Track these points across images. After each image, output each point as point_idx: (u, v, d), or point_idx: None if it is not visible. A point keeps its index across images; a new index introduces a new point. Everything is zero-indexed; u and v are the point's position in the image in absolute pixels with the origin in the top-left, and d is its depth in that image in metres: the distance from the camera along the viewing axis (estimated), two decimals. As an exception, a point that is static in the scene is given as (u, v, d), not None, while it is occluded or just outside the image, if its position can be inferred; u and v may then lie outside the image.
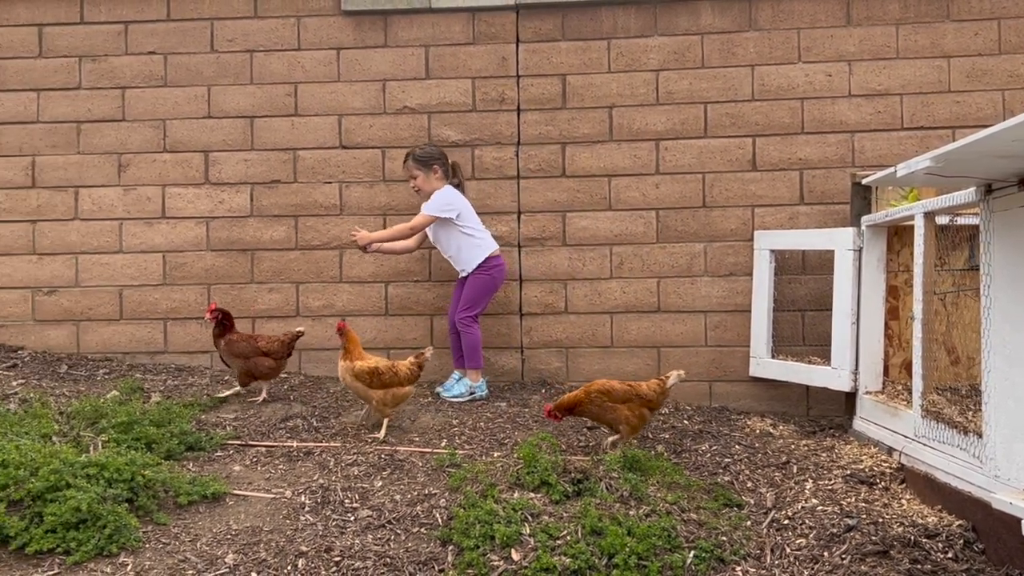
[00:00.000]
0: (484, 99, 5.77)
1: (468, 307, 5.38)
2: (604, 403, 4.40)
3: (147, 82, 5.89)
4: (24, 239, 5.90)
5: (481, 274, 5.39)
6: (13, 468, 3.83)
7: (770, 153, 5.62)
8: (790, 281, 5.55)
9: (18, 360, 5.69)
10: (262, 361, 5.10)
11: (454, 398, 5.36)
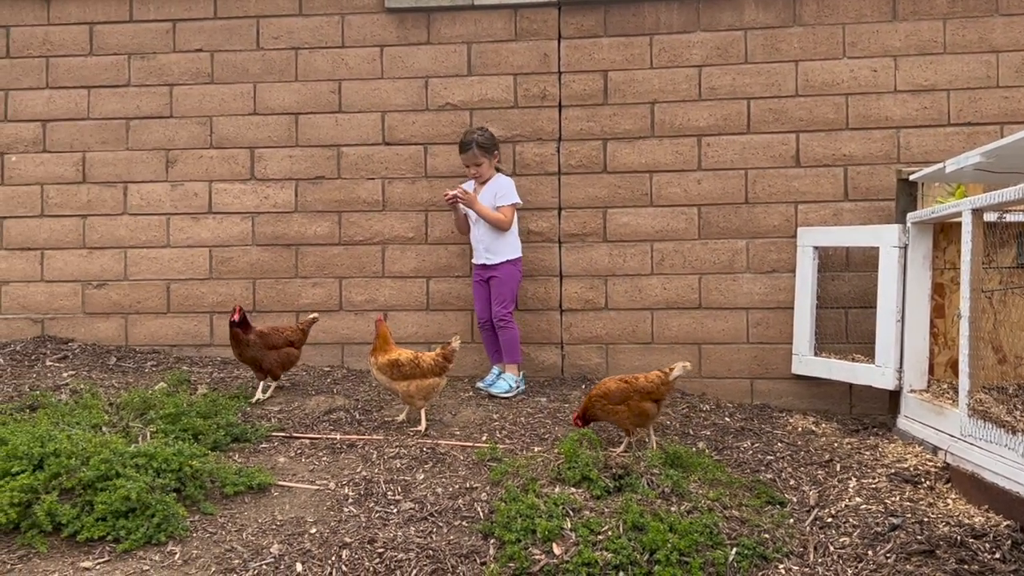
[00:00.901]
0: (526, 95, 5.79)
1: (504, 303, 5.40)
2: (605, 406, 4.39)
3: (194, 79, 5.98)
4: (74, 233, 6.03)
5: (509, 266, 5.43)
6: (65, 457, 3.92)
7: (814, 149, 5.57)
8: (833, 278, 5.50)
9: (69, 352, 5.82)
10: (291, 351, 5.18)
11: (503, 394, 5.35)
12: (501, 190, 5.43)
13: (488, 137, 5.45)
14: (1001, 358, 4.74)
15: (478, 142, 5.39)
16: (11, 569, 3.54)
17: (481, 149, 5.39)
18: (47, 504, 3.71)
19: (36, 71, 6.06)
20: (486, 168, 5.45)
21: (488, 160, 5.44)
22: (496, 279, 5.43)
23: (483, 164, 5.43)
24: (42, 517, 3.68)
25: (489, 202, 5.40)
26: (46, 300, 6.04)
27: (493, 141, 5.48)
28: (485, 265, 5.46)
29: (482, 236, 5.46)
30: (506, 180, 5.49)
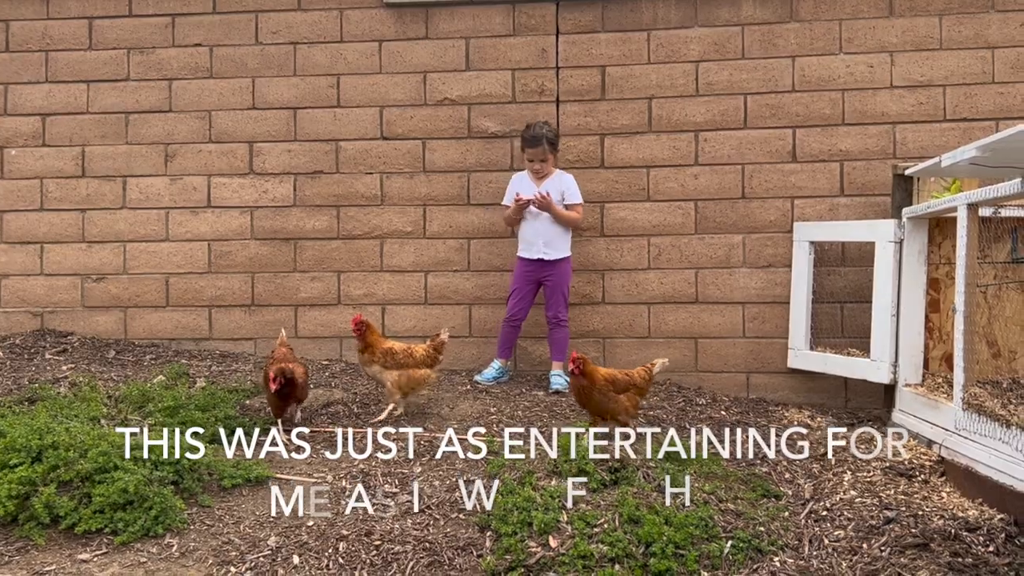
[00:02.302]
0: (524, 90, 5.81)
1: (566, 303, 5.45)
2: (608, 392, 4.43)
3: (193, 74, 6.00)
4: (74, 227, 6.05)
5: (566, 264, 5.47)
6: (63, 450, 3.94)
7: (810, 144, 5.59)
8: (829, 273, 5.52)
9: (68, 345, 5.85)
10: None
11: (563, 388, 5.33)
12: (569, 188, 5.44)
13: (555, 132, 5.46)
14: (995, 352, 4.76)
15: (548, 137, 5.36)
16: (9, 561, 3.57)
17: (551, 144, 5.38)
18: (45, 496, 3.73)
19: (36, 65, 6.07)
20: (551, 163, 5.45)
21: (554, 155, 5.46)
22: (554, 277, 5.43)
23: (549, 160, 5.42)
24: (40, 509, 3.70)
25: (555, 198, 5.39)
26: (46, 293, 6.06)
27: (558, 135, 5.50)
28: (543, 260, 5.42)
29: (543, 230, 5.41)
30: (571, 178, 5.50)
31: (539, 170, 5.42)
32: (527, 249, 5.46)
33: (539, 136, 5.35)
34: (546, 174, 5.45)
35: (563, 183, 5.44)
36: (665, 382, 5.62)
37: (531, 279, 5.47)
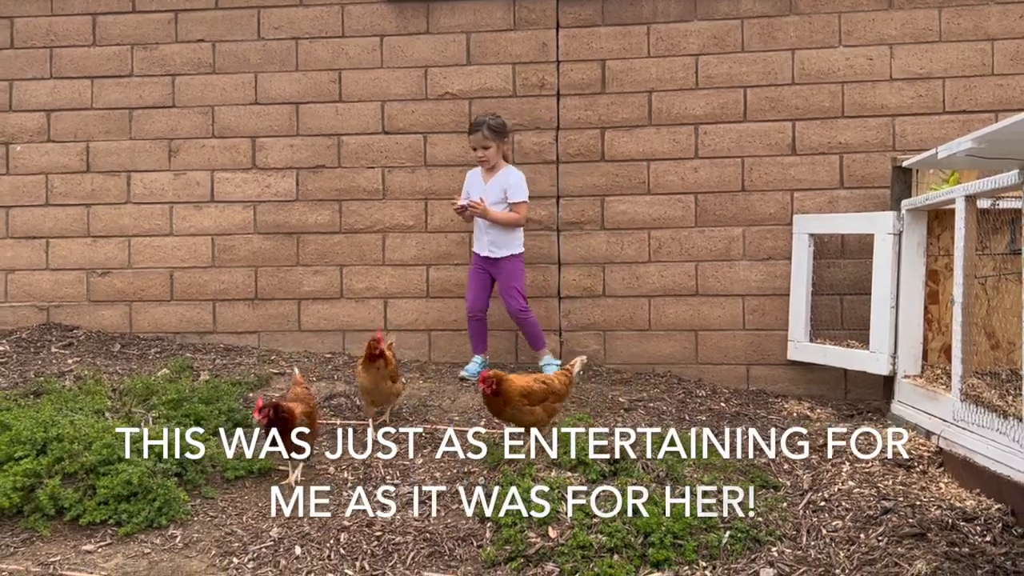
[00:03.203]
0: (524, 84, 5.83)
1: (520, 295, 5.37)
2: (522, 406, 4.21)
3: (196, 69, 6.03)
4: (79, 222, 6.09)
5: (514, 261, 5.38)
6: (68, 442, 3.99)
7: (810, 137, 5.60)
8: (829, 265, 5.54)
9: (73, 339, 5.90)
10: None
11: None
12: (514, 186, 5.34)
13: (500, 123, 5.36)
14: (994, 344, 4.78)
15: (489, 124, 5.27)
16: (14, 552, 3.62)
17: (492, 132, 5.27)
18: (50, 488, 3.78)
19: (40, 61, 6.11)
20: (493, 153, 5.32)
21: (497, 145, 5.32)
22: (503, 275, 5.37)
23: (491, 148, 5.30)
24: (45, 501, 3.76)
25: (498, 195, 5.31)
26: (51, 288, 6.10)
27: (505, 128, 5.39)
28: (488, 258, 5.41)
29: (488, 228, 5.36)
30: (518, 174, 5.40)
31: (483, 158, 5.33)
32: (477, 244, 5.47)
33: (479, 123, 5.29)
34: (494, 167, 5.38)
35: (510, 180, 5.35)
36: (666, 374, 5.65)
37: (482, 272, 5.44)
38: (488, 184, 5.37)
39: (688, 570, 3.44)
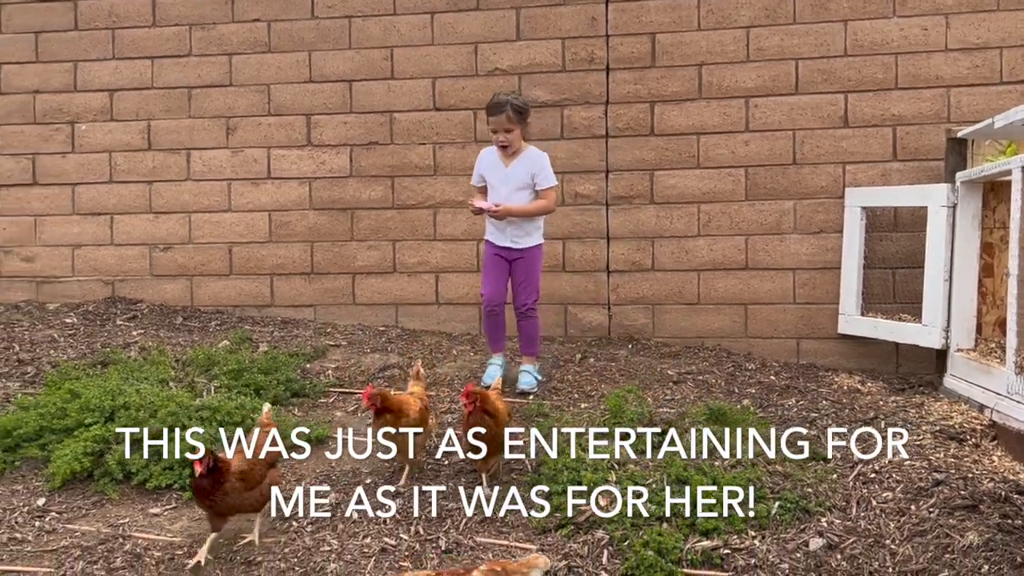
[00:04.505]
0: (574, 59, 5.84)
1: (536, 289, 4.95)
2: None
3: (252, 48, 6.15)
4: (141, 199, 6.28)
5: (538, 250, 4.98)
6: (134, 410, 4.17)
7: (862, 109, 5.54)
8: (881, 238, 5.49)
9: (137, 312, 6.10)
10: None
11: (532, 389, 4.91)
12: (542, 170, 4.89)
13: (524, 103, 4.92)
14: (1051, 317, 4.71)
15: (514, 105, 4.80)
16: (86, 514, 3.79)
17: (516, 113, 4.80)
18: (118, 454, 3.96)
19: (103, 43, 6.29)
20: (516, 137, 4.86)
21: (520, 128, 4.87)
22: (524, 262, 4.93)
23: (514, 132, 4.84)
24: (114, 466, 3.93)
25: (523, 180, 4.87)
26: (116, 263, 6.31)
27: (528, 109, 4.95)
28: (509, 248, 4.95)
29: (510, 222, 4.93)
30: (543, 155, 4.95)
31: (504, 142, 4.85)
32: (495, 235, 4.98)
33: (502, 103, 4.80)
34: (515, 150, 4.90)
35: (534, 164, 4.88)
36: (715, 348, 5.67)
37: (500, 261, 4.96)
38: (510, 168, 4.91)
39: (737, 539, 3.48)
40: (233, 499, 3.38)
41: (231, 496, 3.37)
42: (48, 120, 6.34)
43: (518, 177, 4.89)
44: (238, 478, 3.38)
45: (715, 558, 3.39)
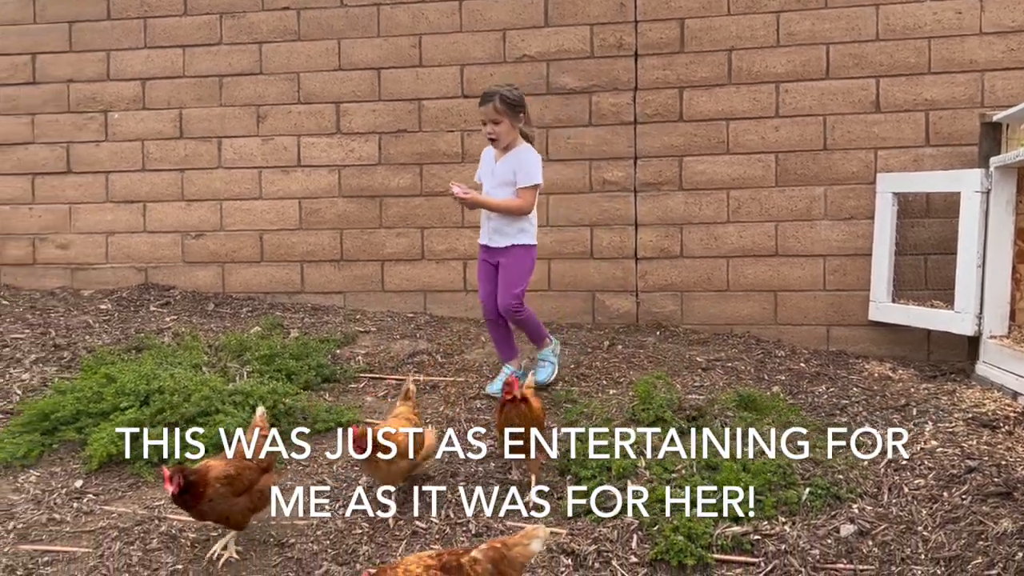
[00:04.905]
0: (602, 45, 5.83)
1: (516, 290, 4.57)
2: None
3: (282, 37, 6.19)
4: (174, 186, 6.35)
5: (522, 252, 4.62)
6: (168, 394, 4.24)
7: (894, 94, 5.48)
8: (913, 224, 5.44)
9: (170, 298, 6.18)
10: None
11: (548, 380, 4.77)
12: (525, 167, 4.53)
13: (516, 95, 4.52)
14: (1087, 304, 4.66)
15: (503, 95, 4.46)
16: (122, 496, 3.87)
17: (505, 104, 4.46)
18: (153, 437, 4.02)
19: (135, 32, 6.34)
20: (505, 130, 4.51)
21: (510, 121, 4.50)
22: (503, 266, 4.60)
23: (502, 124, 4.49)
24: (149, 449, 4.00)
25: (507, 177, 4.56)
26: (149, 250, 6.39)
27: (521, 101, 4.54)
28: (489, 247, 4.67)
29: (490, 219, 4.66)
30: (533, 155, 4.59)
31: (490, 134, 4.53)
32: (482, 232, 4.75)
33: (491, 93, 4.50)
34: (507, 145, 4.58)
35: (522, 160, 4.55)
36: (744, 335, 5.65)
37: (488, 265, 4.69)
38: (498, 163, 4.62)
39: (767, 525, 3.49)
40: (221, 505, 3.31)
41: (217, 503, 3.30)
42: (82, 109, 6.42)
43: (502, 173, 4.58)
44: (223, 483, 3.30)
45: (745, 544, 3.40)
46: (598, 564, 3.36)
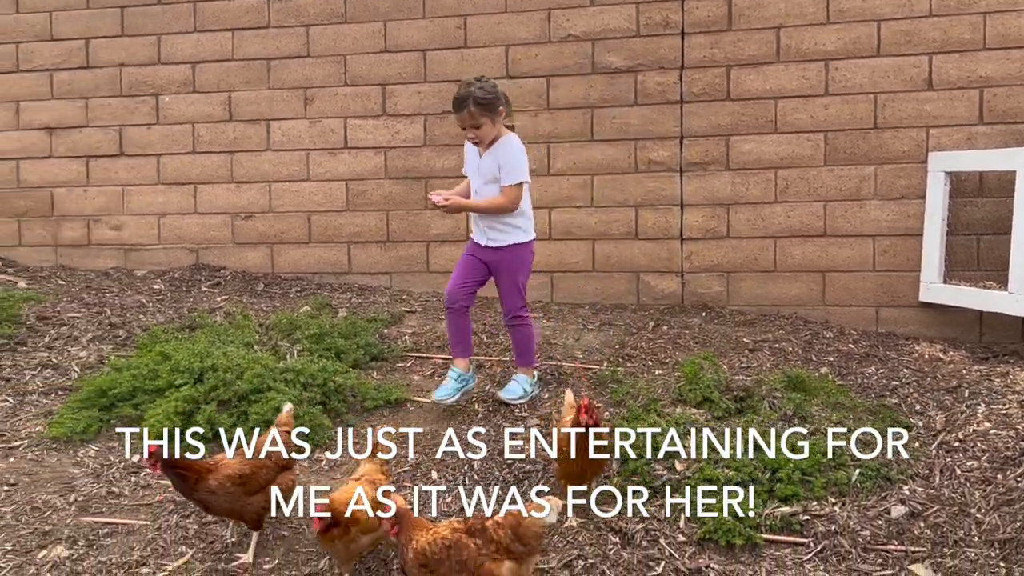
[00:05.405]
0: (648, 24, 5.78)
1: (521, 294, 4.35)
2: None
3: (328, 19, 6.23)
4: (223, 169, 6.45)
5: (521, 249, 4.35)
6: (222, 371, 4.32)
7: (948, 71, 5.38)
8: (965, 204, 5.34)
9: (221, 279, 6.29)
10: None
11: (515, 400, 4.33)
12: (507, 163, 4.18)
13: (489, 90, 4.13)
14: None
15: (476, 98, 4.07)
16: (178, 473, 3.96)
17: (480, 107, 4.08)
18: (207, 414, 4.12)
19: (185, 16, 6.43)
20: (488, 130, 4.15)
21: (491, 119, 4.14)
22: (502, 264, 4.32)
23: (484, 126, 4.14)
24: (203, 425, 4.08)
25: (491, 172, 4.22)
26: (200, 231, 6.51)
27: (496, 94, 4.15)
28: (486, 247, 4.35)
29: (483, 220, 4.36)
30: (517, 147, 4.22)
31: (473, 139, 4.23)
32: (475, 232, 4.42)
33: (463, 98, 4.10)
34: (492, 139, 4.21)
35: (506, 154, 4.19)
36: (791, 316, 5.61)
37: (474, 260, 4.38)
38: (483, 158, 4.28)
39: (817, 506, 3.48)
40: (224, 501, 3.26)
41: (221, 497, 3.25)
42: (134, 93, 6.54)
43: (488, 169, 4.25)
44: (236, 482, 3.24)
45: (794, 524, 3.40)
46: (646, 543, 3.38)
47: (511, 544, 2.82)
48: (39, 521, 3.65)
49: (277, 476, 3.41)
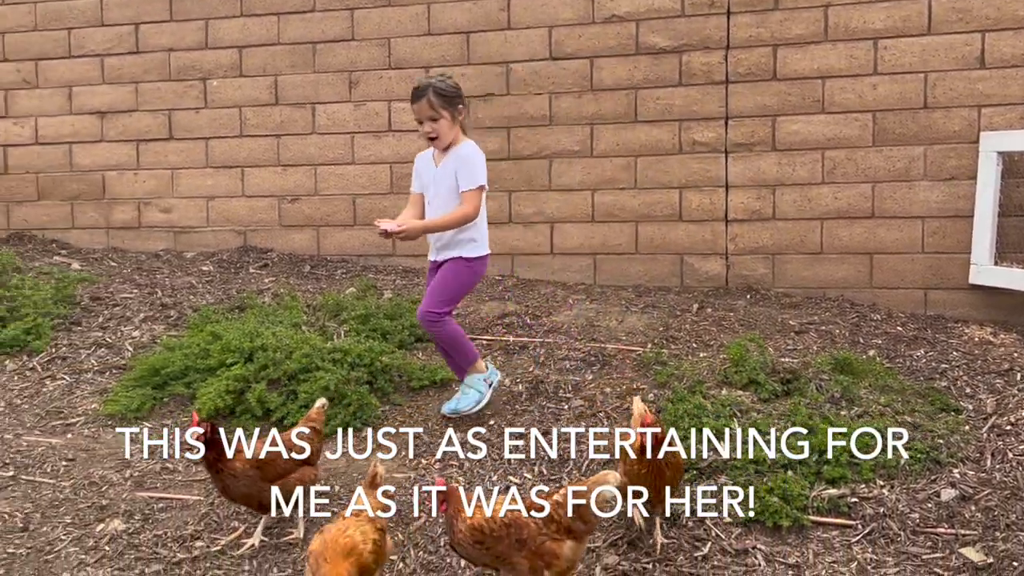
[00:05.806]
0: (693, 3, 5.73)
1: (442, 300, 4.04)
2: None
3: (373, 3, 6.25)
4: (270, 152, 6.52)
5: (463, 266, 4.09)
6: (271, 351, 4.41)
7: (1001, 49, 5.26)
8: (1018, 185, 5.24)
9: (268, 260, 6.38)
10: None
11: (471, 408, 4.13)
12: (464, 167, 4.00)
13: (451, 85, 4.02)
14: None
15: (436, 88, 3.95)
16: (228, 449, 4.04)
17: (440, 97, 3.95)
18: (257, 392, 4.21)
19: (231, 1, 6.49)
20: (446, 127, 3.99)
21: (450, 115, 3.98)
22: (441, 272, 4.10)
23: (441, 120, 3.97)
24: (253, 403, 4.19)
25: (451, 181, 4.03)
26: (247, 213, 6.59)
27: (458, 91, 4.04)
28: (436, 261, 4.17)
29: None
30: (474, 151, 4.06)
31: (430, 132, 4.01)
32: (430, 249, 4.24)
33: (422, 87, 3.99)
34: (448, 145, 4.06)
35: (463, 160, 4.01)
36: (837, 298, 5.55)
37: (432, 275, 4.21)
38: (439, 167, 4.10)
39: (865, 488, 3.47)
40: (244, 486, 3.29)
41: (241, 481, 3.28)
42: (182, 77, 6.64)
43: (445, 179, 4.06)
44: (254, 466, 3.29)
45: (842, 506, 3.39)
46: (692, 523, 3.39)
47: (572, 523, 2.80)
48: (97, 495, 3.76)
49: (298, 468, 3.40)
